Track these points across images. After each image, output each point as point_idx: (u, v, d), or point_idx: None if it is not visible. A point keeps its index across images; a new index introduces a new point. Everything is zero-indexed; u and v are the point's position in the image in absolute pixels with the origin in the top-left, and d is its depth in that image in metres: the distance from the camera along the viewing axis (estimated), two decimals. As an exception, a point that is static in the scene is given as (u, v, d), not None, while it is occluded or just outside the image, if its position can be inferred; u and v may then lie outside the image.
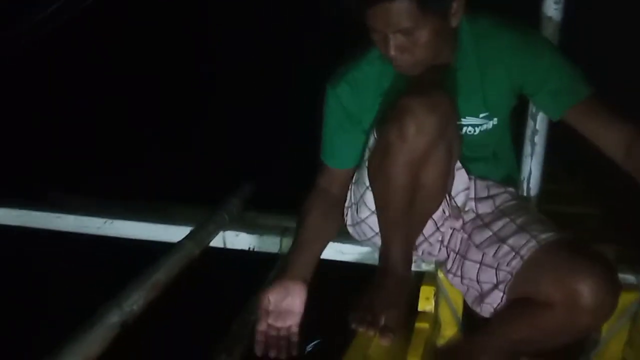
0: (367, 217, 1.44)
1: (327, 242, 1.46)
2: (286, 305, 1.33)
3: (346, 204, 1.49)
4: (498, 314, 1.36)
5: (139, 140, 2.55)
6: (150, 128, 2.59)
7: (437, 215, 1.41)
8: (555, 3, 1.43)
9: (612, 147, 1.32)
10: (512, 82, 1.36)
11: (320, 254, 1.43)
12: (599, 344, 1.47)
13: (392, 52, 1.26)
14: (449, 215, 1.43)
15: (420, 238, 1.44)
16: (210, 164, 2.33)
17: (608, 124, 1.32)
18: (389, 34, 1.24)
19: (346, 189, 1.47)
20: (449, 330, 1.54)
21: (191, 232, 1.61)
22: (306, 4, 3.06)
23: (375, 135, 1.36)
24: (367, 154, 1.39)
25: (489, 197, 1.46)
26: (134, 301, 1.22)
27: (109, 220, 1.80)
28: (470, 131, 1.42)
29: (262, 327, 1.31)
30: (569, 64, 1.34)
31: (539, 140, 1.52)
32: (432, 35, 1.24)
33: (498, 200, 1.45)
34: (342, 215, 1.50)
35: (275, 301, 1.32)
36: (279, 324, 1.31)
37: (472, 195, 1.46)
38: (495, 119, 1.42)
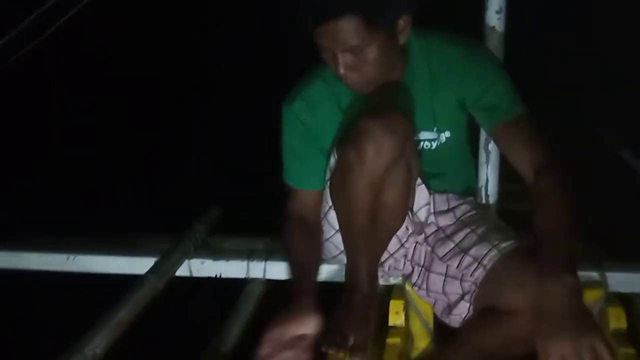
0: (331, 236, 1.44)
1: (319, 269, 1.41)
2: (297, 333, 1.23)
3: None
4: (467, 324, 1.36)
5: (104, 170, 2.51)
6: (115, 157, 2.55)
7: (400, 231, 1.42)
8: (497, 12, 1.44)
9: (523, 171, 1.32)
10: (458, 94, 1.37)
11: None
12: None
13: (342, 71, 1.27)
14: (413, 231, 1.44)
15: (385, 254, 1.44)
16: (177, 191, 2.30)
17: (524, 148, 1.32)
18: (338, 53, 1.25)
19: (319, 211, 1.45)
20: (422, 342, 1.54)
21: (155, 263, 1.58)
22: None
23: (335, 156, 1.36)
24: (328, 174, 1.39)
25: (449, 210, 1.47)
26: (96, 345, 1.19)
27: (72, 256, 1.77)
28: (427, 146, 1.43)
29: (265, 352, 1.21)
30: (507, 82, 1.36)
31: (493, 147, 1.53)
32: (380, 53, 1.25)
33: (458, 212, 1.46)
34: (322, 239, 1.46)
35: (287, 331, 1.23)
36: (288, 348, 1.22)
37: (432, 210, 1.46)
38: (447, 132, 1.42)
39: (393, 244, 1.42)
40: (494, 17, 1.45)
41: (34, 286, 1.84)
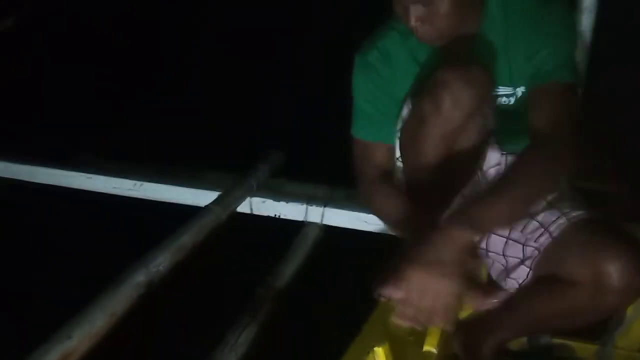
0: None
1: None
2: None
3: None
4: (522, 289, 1.35)
5: (170, 106, 2.57)
6: (181, 94, 2.60)
7: (466, 190, 1.40)
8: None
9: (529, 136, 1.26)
10: (529, 47, 1.31)
11: None
12: (623, 324, 1.46)
13: (413, 23, 1.24)
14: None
15: (448, 210, 1.43)
16: (240, 134, 2.34)
17: (540, 114, 1.25)
18: (409, 4, 1.22)
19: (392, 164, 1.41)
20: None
21: (219, 197, 1.63)
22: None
23: (409, 106, 1.34)
24: (399, 125, 1.38)
25: None
26: (160, 262, 1.24)
27: (139, 183, 1.84)
28: (505, 101, 1.39)
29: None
30: (566, 44, 1.29)
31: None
32: (453, 4, 1.22)
33: None
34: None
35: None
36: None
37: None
38: (523, 87, 1.37)
39: (457, 202, 1.41)
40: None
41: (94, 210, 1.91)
